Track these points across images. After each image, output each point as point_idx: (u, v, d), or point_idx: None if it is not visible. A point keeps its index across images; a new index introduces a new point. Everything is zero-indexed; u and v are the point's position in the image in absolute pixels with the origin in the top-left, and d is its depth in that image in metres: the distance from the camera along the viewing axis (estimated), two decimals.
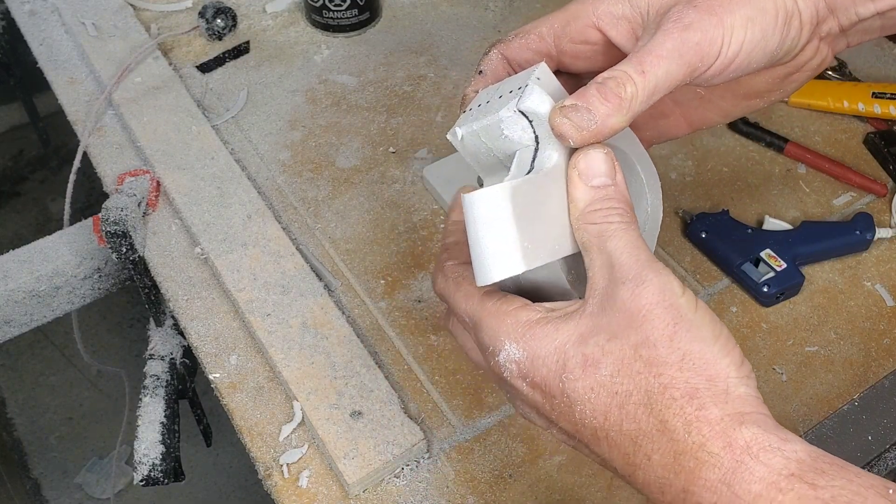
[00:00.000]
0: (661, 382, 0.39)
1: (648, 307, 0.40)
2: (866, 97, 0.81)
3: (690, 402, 0.38)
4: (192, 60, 0.89)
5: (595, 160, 0.44)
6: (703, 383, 0.39)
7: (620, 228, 0.42)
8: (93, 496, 1.51)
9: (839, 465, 0.36)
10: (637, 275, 0.41)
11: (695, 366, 0.39)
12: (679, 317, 0.40)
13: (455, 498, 0.59)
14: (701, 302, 0.41)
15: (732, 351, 0.40)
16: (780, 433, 0.38)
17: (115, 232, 0.69)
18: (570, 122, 0.43)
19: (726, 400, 0.38)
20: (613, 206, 0.43)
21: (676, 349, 0.39)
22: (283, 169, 0.80)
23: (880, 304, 0.70)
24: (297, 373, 0.63)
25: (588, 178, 0.44)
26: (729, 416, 0.38)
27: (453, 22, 0.94)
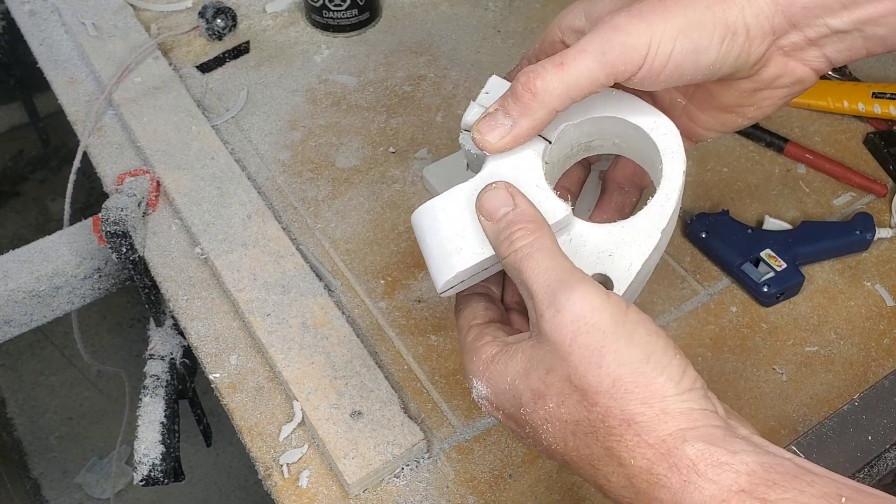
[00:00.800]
0: (598, 412, 0.39)
1: (571, 337, 0.39)
2: (866, 97, 0.81)
3: (628, 429, 0.38)
4: (192, 60, 0.89)
5: (491, 198, 0.45)
6: (639, 407, 0.38)
7: (527, 253, 0.43)
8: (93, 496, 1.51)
9: (792, 475, 0.35)
10: (552, 302, 0.40)
11: (627, 391, 0.38)
12: (603, 338, 0.39)
13: (455, 498, 0.59)
14: (632, 309, 0.40)
15: (669, 364, 0.39)
16: (730, 445, 0.37)
17: (115, 232, 0.69)
18: (485, 135, 0.45)
19: (665, 420, 0.38)
20: (514, 231, 0.44)
21: (606, 376, 0.39)
22: (283, 169, 0.80)
23: (880, 304, 0.70)
24: (297, 373, 0.63)
25: (489, 216, 0.45)
26: (670, 436, 0.37)
27: (453, 22, 0.94)
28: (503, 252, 0.44)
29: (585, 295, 0.40)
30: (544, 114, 0.44)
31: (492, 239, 0.45)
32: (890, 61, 0.88)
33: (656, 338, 0.40)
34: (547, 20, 0.94)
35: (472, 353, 0.45)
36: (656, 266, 0.72)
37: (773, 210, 0.75)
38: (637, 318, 0.40)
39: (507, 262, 0.44)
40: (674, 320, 0.69)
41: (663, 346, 0.39)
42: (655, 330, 0.40)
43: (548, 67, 0.43)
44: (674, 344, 0.40)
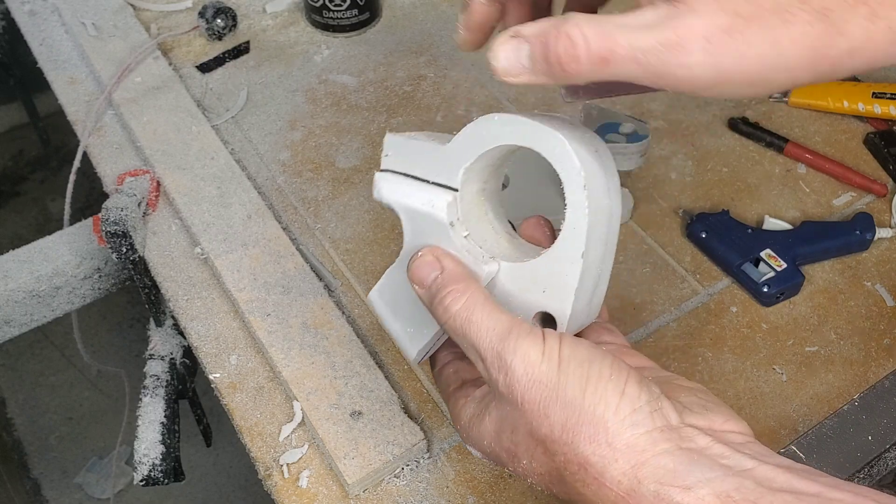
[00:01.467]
0: (560, 461, 0.40)
1: (521, 394, 0.40)
2: (866, 97, 0.81)
3: (587, 473, 0.38)
4: (192, 60, 0.89)
5: (419, 266, 0.45)
6: (588, 448, 0.38)
7: (464, 318, 0.42)
8: (93, 496, 1.51)
9: (751, 502, 0.35)
10: (500, 365, 0.41)
11: (574, 433, 0.38)
12: (544, 389, 0.39)
13: (455, 498, 0.59)
14: (566, 350, 0.40)
15: (606, 389, 0.39)
16: (683, 478, 0.36)
17: (115, 232, 0.69)
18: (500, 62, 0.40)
19: (615, 457, 0.38)
20: (444, 295, 0.44)
21: (555, 423, 0.39)
22: (283, 169, 0.80)
23: (880, 304, 0.70)
24: (297, 373, 0.63)
25: (421, 283, 0.45)
26: (625, 476, 0.37)
27: (453, 22, 0.94)
28: (440, 318, 0.44)
29: (525, 354, 0.40)
30: (564, 82, 0.39)
31: (427, 306, 0.45)
32: None
33: (588, 365, 0.39)
34: None
35: (455, 419, 0.47)
36: (655, 266, 0.72)
37: (773, 210, 0.75)
38: (569, 353, 0.40)
39: (446, 327, 0.44)
40: (673, 320, 0.69)
41: (597, 372, 0.39)
42: (588, 356, 0.40)
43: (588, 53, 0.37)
44: (611, 360, 0.40)
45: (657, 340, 0.67)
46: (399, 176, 0.49)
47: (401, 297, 0.49)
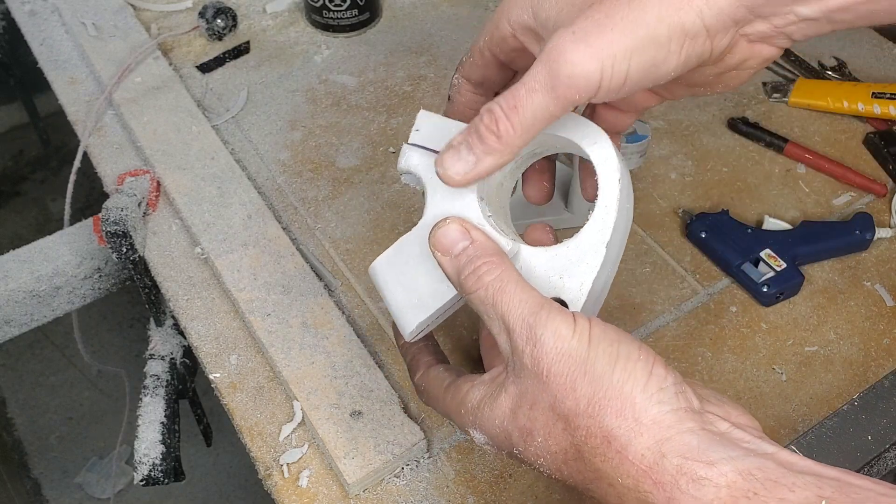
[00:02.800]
0: (581, 435, 0.40)
1: (548, 366, 0.40)
2: (866, 97, 0.81)
3: (610, 446, 0.39)
4: (192, 60, 0.90)
5: (445, 234, 0.45)
6: (614, 421, 0.39)
7: (498, 287, 0.43)
8: (93, 496, 1.51)
9: (773, 481, 0.35)
10: (530, 336, 0.41)
11: (601, 407, 0.39)
12: (573, 363, 0.40)
13: (455, 497, 0.59)
14: (597, 329, 0.41)
15: (634, 368, 0.39)
16: (708, 454, 0.37)
17: (115, 232, 0.69)
18: (448, 169, 0.45)
19: (640, 432, 0.38)
20: (479, 265, 0.44)
21: (581, 397, 0.40)
22: (284, 169, 0.80)
23: (880, 304, 0.70)
24: (297, 373, 0.63)
25: (446, 251, 0.45)
26: (649, 451, 0.38)
27: (453, 22, 0.94)
28: (470, 288, 0.44)
29: (558, 326, 0.41)
30: (508, 154, 0.44)
31: (452, 275, 0.45)
32: (890, 61, 0.88)
33: (618, 345, 0.40)
34: None
35: (457, 405, 0.47)
36: (655, 266, 0.72)
37: (772, 210, 0.75)
38: (600, 333, 0.41)
39: (475, 297, 0.44)
40: (674, 320, 0.69)
41: (626, 352, 0.40)
42: (617, 337, 0.41)
43: (505, 111, 0.43)
44: (639, 344, 0.41)
45: (657, 340, 0.68)
46: (427, 151, 0.49)
47: (409, 268, 0.49)
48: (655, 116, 0.83)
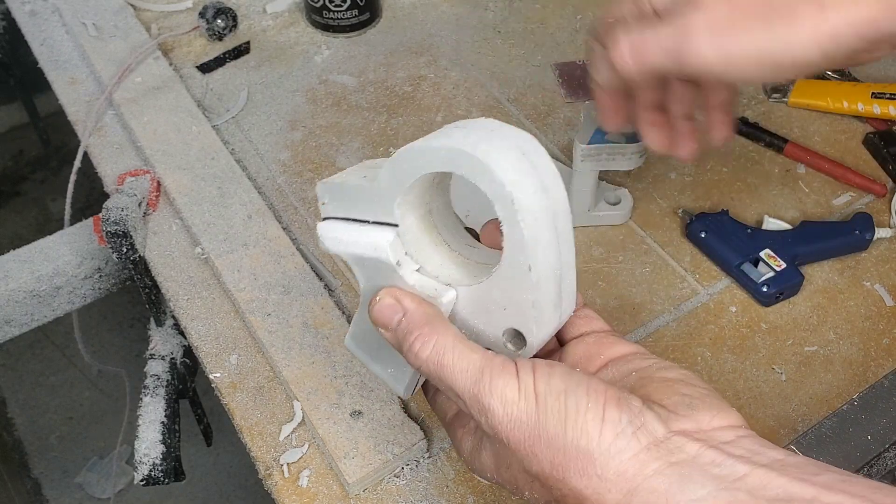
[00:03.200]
0: (557, 495, 0.40)
1: (505, 434, 0.40)
2: (866, 97, 0.81)
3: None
4: (192, 60, 0.90)
5: (380, 311, 0.45)
6: (581, 481, 0.38)
7: (436, 362, 0.42)
8: (93, 496, 1.51)
9: None
10: (480, 408, 0.40)
11: (564, 469, 0.38)
12: (527, 429, 0.39)
13: (455, 497, 0.59)
14: (541, 383, 0.39)
15: (585, 421, 0.38)
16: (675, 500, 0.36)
17: (115, 232, 0.69)
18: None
19: (608, 488, 0.37)
20: (412, 342, 0.43)
21: (544, 461, 0.39)
22: (284, 169, 0.80)
23: (880, 304, 0.70)
24: (298, 372, 0.63)
25: (385, 326, 0.45)
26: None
27: (453, 22, 0.94)
28: (412, 363, 0.43)
29: (501, 394, 0.39)
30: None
31: (398, 350, 0.45)
32: (889, 61, 0.88)
33: (565, 398, 0.39)
34: (547, 20, 0.94)
35: (457, 449, 0.47)
36: (655, 266, 0.72)
37: (773, 210, 0.75)
38: (544, 387, 0.39)
39: (420, 371, 0.43)
40: (673, 320, 0.69)
41: (574, 405, 0.38)
42: (563, 387, 0.39)
43: None
44: (586, 386, 0.39)
45: (656, 340, 0.68)
46: (340, 222, 0.47)
47: (372, 339, 0.48)
48: None
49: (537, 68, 0.89)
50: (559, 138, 0.82)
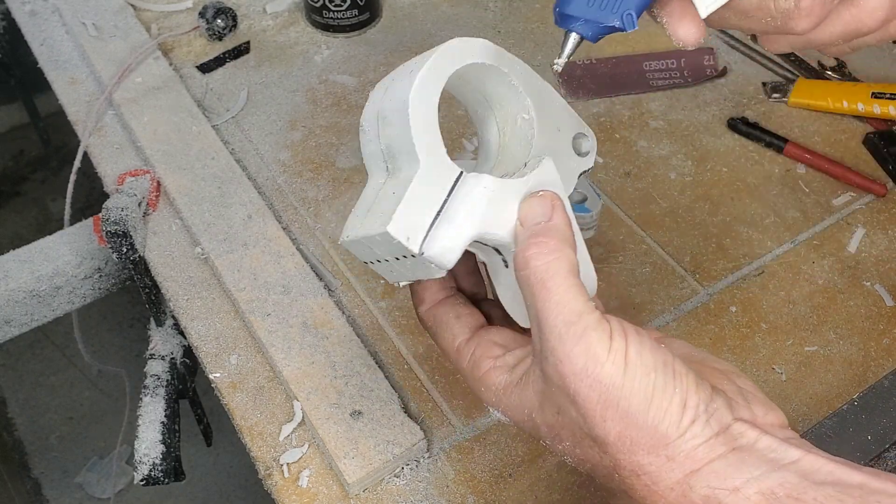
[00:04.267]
0: (609, 462, 0.39)
1: (574, 387, 0.39)
2: (866, 97, 0.81)
3: (639, 480, 0.39)
4: (192, 60, 0.90)
5: (531, 206, 0.43)
6: (645, 458, 0.38)
7: (540, 279, 0.40)
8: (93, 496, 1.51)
9: (794, 499, 0.35)
10: (555, 348, 0.39)
11: (632, 443, 0.38)
12: (605, 393, 0.38)
13: (455, 497, 0.59)
14: (633, 347, 0.38)
15: (671, 404, 0.38)
16: (732, 480, 0.37)
17: (115, 232, 0.69)
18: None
19: (672, 468, 0.38)
20: (534, 244, 0.41)
21: (611, 430, 0.38)
22: (284, 169, 0.80)
23: (880, 304, 0.70)
24: (298, 372, 0.63)
25: (525, 223, 0.43)
26: (678, 483, 0.38)
27: (453, 22, 0.94)
28: (517, 264, 0.41)
29: (588, 348, 0.38)
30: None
31: (519, 243, 0.43)
32: (890, 61, 0.88)
33: (655, 375, 0.38)
34: (547, 20, 0.94)
35: (479, 383, 0.44)
36: (655, 266, 0.72)
37: (772, 210, 0.76)
38: (635, 356, 0.38)
39: (520, 277, 0.41)
40: (674, 320, 0.69)
41: (662, 384, 0.38)
42: (654, 363, 0.38)
43: None
44: (672, 367, 0.39)
45: None
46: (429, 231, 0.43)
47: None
48: (655, 116, 0.84)
49: (537, 68, 0.88)
50: None
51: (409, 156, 0.43)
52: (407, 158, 0.43)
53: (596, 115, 0.84)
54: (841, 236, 0.74)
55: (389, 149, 0.44)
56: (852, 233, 0.74)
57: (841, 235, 0.74)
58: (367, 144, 0.46)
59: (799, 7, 0.42)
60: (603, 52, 0.89)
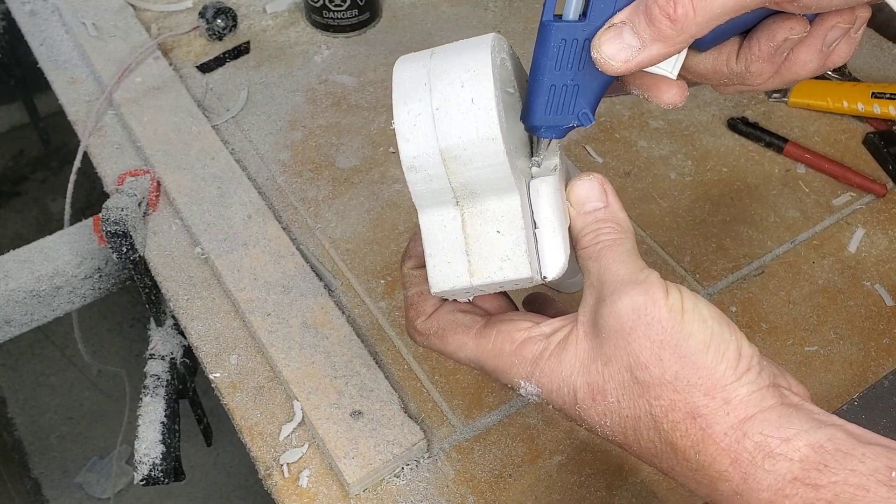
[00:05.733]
0: (662, 405, 0.40)
1: (630, 326, 0.40)
2: (866, 97, 0.81)
3: (694, 423, 0.39)
4: (192, 60, 0.90)
5: (584, 189, 0.44)
6: (702, 399, 0.39)
7: (607, 245, 0.43)
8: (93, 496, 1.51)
9: (843, 452, 0.36)
10: (615, 290, 0.41)
11: (689, 384, 0.39)
12: (663, 333, 0.39)
13: (455, 497, 0.59)
14: (689, 300, 0.40)
15: (727, 350, 0.39)
16: (784, 430, 0.38)
17: (115, 232, 0.69)
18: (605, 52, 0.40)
19: (727, 411, 0.39)
20: (601, 228, 0.44)
21: (668, 369, 0.39)
22: (284, 169, 0.80)
23: (880, 304, 0.70)
24: (298, 372, 0.63)
25: (580, 206, 0.44)
26: (731, 429, 0.38)
27: (453, 22, 0.94)
28: (585, 243, 0.44)
29: (649, 288, 0.40)
30: (680, 44, 0.39)
31: (576, 230, 0.44)
32: (890, 61, 0.88)
33: (712, 322, 0.40)
34: None
35: (507, 356, 0.44)
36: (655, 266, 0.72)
37: (772, 210, 0.76)
38: (692, 307, 0.40)
39: (584, 252, 0.44)
40: None
41: (719, 332, 0.40)
42: (710, 314, 0.40)
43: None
44: (727, 321, 0.41)
45: None
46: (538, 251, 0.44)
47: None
48: (655, 116, 0.84)
49: None
50: None
51: (499, 189, 0.42)
52: (495, 191, 0.42)
53: (596, 115, 0.83)
54: (841, 236, 0.74)
55: (467, 185, 0.42)
56: (852, 233, 0.74)
57: (841, 235, 0.74)
58: (424, 183, 0.42)
59: (750, 71, 0.44)
60: None
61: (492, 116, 0.40)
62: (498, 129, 0.40)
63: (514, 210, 0.42)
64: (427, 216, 0.43)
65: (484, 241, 0.42)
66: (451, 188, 0.42)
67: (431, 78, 0.41)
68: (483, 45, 0.41)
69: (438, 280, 0.43)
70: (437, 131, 0.41)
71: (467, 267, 0.43)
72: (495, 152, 0.40)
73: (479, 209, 0.42)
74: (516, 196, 0.42)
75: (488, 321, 0.46)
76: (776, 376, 0.41)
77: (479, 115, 0.40)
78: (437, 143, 0.41)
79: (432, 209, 0.43)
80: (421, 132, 0.41)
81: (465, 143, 0.40)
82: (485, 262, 0.42)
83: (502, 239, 0.42)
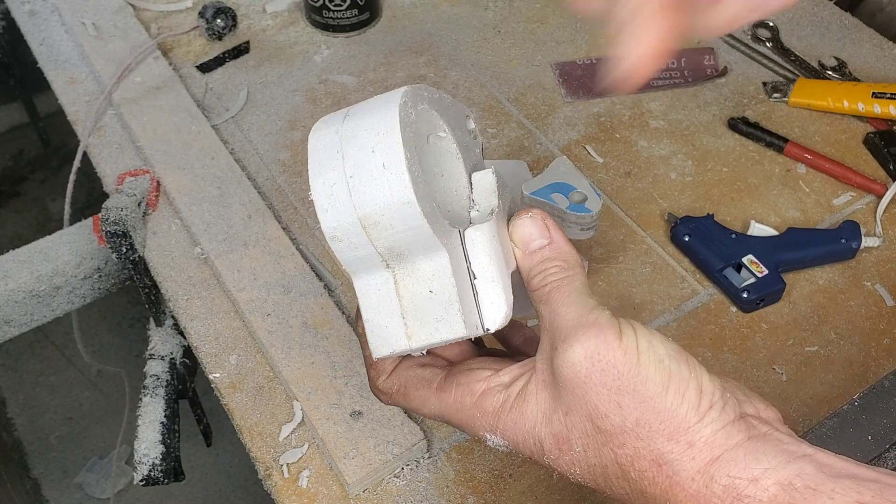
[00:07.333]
0: (627, 454, 0.39)
1: (585, 375, 0.39)
2: (866, 97, 0.81)
3: (660, 470, 0.38)
4: (192, 60, 0.89)
5: (526, 228, 0.43)
6: (665, 445, 0.38)
7: (555, 287, 0.42)
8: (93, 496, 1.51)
9: (812, 490, 0.35)
10: (567, 336, 0.39)
11: (651, 429, 0.38)
12: (619, 378, 0.38)
13: (455, 498, 0.59)
14: (644, 339, 0.39)
15: (688, 389, 0.38)
16: (751, 469, 0.36)
17: (115, 232, 0.69)
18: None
19: (692, 455, 0.37)
20: (548, 268, 0.43)
21: (628, 416, 0.38)
22: (283, 169, 0.80)
23: (880, 304, 0.70)
24: (298, 372, 0.63)
25: (524, 245, 0.44)
26: (699, 473, 0.37)
27: (453, 22, 0.94)
28: (534, 286, 0.43)
29: (598, 333, 0.39)
30: None
31: (524, 272, 0.44)
32: (890, 61, 0.88)
33: (669, 361, 0.39)
34: (547, 20, 0.94)
35: (472, 411, 0.43)
36: (655, 266, 0.72)
37: (773, 210, 0.75)
38: (647, 346, 0.39)
39: (535, 295, 0.43)
40: (674, 320, 0.69)
41: (677, 371, 0.38)
42: (666, 352, 0.39)
43: None
44: (685, 356, 0.39)
45: None
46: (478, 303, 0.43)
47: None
48: (655, 116, 0.83)
49: (537, 68, 0.89)
50: (559, 138, 0.82)
51: (425, 249, 0.41)
52: (422, 251, 0.41)
53: (596, 115, 0.83)
54: None
55: (392, 249, 0.41)
56: None
57: None
58: (349, 251, 0.41)
59: None
60: (603, 51, 0.89)
61: (404, 180, 0.38)
62: (412, 193, 0.38)
63: (443, 268, 0.41)
64: (360, 281, 0.42)
65: (418, 302, 0.41)
66: (378, 253, 0.41)
67: (343, 144, 0.40)
68: (391, 103, 0.39)
69: (378, 345, 0.43)
70: (353, 200, 0.39)
71: (404, 330, 0.42)
72: (413, 215, 0.39)
73: (409, 269, 0.41)
74: (444, 254, 0.41)
75: (448, 373, 0.45)
76: (742, 403, 0.40)
77: (392, 180, 0.38)
78: (354, 212, 0.39)
79: (364, 274, 0.42)
80: (338, 202, 0.40)
81: (381, 209, 0.39)
82: (421, 324, 0.41)
83: (435, 298, 0.41)
